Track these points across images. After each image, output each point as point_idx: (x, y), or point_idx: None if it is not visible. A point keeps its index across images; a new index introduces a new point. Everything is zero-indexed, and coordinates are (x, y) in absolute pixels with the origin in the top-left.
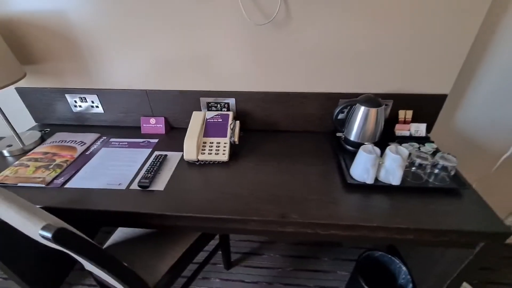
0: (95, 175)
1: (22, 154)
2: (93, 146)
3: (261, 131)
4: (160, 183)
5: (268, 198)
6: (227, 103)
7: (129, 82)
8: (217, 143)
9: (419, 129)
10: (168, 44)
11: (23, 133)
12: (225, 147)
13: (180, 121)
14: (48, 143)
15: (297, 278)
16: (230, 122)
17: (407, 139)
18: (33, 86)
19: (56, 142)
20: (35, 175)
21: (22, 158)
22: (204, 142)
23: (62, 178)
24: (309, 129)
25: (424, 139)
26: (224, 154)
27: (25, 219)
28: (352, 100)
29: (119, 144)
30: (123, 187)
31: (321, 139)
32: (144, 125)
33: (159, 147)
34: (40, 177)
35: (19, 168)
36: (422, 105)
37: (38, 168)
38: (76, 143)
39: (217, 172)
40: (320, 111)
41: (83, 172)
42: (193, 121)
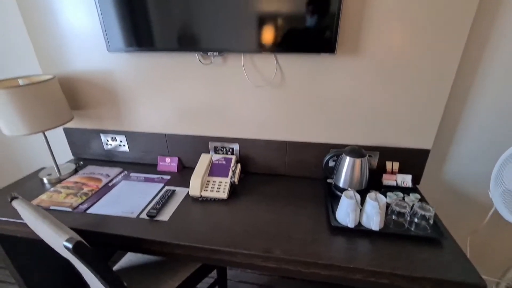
0: (113, 204)
1: (58, 182)
2: (116, 179)
3: (261, 174)
4: (166, 214)
5: (257, 234)
6: (232, 148)
7: (152, 126)
8: (219, 182)
9: (405, 180)
10: (187, 96)
11: (62, 165)
12: (226, 186)
13: (191, 161)
14: (80, 174)
15: None
16: (232, 165)
17: (394, 189)
18: (77, 127)
19: (86, 174)
20: (65, 200)
21: (57, 185)
22: (208, 181)
23: (86, 204)
24: (305, 175)
25: (410, 190)
26: (224, 192)
27: (54, 232)
28: (339, 151)
29: (137, 178)
30: (134, 216)
31: (315, 184)
32: (161, 163)
33: (170, 183)
34: (69, 202)
35: (53, 194)
36: (408, 158)
37: (68, 195)
38: (102, 175)
39: (216, 208)
40: (315, 159)
41: (104, 201)
42: (201, 162)
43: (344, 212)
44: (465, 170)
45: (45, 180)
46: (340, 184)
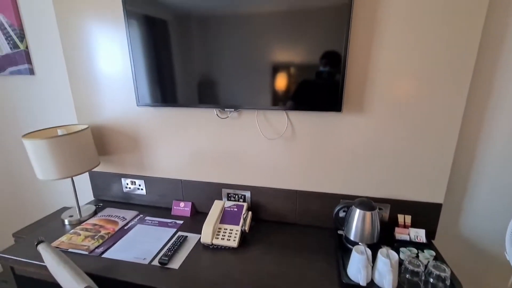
0: (127, 248)
1: (78, 224)
2: (131, 222)
3: (271, 222)
4: (177, 262)
5: None
6: (244, 195)
7: (169, 172)
8: (230, 230)
9: (419, 235)
10: (203, 146)
11: (83, 206)
12: (236, 234)
13: (204, 206)
14: (98, 216)
15: None
16: (243, 213)
17: (407, 244)
18: (101, 171)
19: (104, 216)
20: (83, 243)
21: (77, 227)
22: (220, 228)
23: (102, 248)
24: (315, 224)
25: (425, 245)
26: (235, 241)
27: (72, 278)
28: (349, 202)
29: (151, 223)
30: (147, 262)
31: (325, 235)
32: (175, 208)
33: (183, 228)
34: (86, 245)
35: (73, 236)
36: (420, 212)
37: (86, 237)
38: (119, 218)
39: (226, 257)
40: (324, 209)
41: (119, 245)
42: (214, 209)
43: (355, 268)
44: (482, 226)
45: (67, 222)
46: (351, 237)
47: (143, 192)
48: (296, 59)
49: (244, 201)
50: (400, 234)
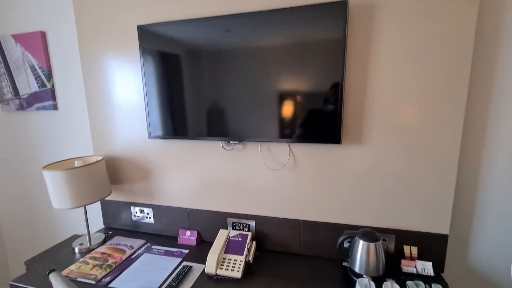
0: (133, 278)
1: (87, 252)
2: (139, 251)
3: (276, 252)
4: None
5: None
6: (248, 224)
7: (177, 201)
8: (235, 260)
9: (426, 267)
10: (209, 176)
11: (93, 234)
12: (240, 265)
13: (210, 236)
14: (107, 245)
15: None
16: (248, 242)
17: (414, 277)
18: (112, 199)
19: (113, 245)
20: (91, 272)
21: (86, 256)
22: (224, 258)
23: (109, 277)
24: (319, 255)
25: (433, 279)
26: (239, 271)
27: None
28: (353, 233)
29: (158, 251)
30: None
31: (330, 266)
32: (181, 236)
33: (188, 258)
34: (94, 275)
35: (82, 265)
36: (426, 243)
37: (95, 266)
38: (127, 247)
39: None
40: (329, 239)
41: (125, 274)
42: (219, 238)
43: None
44: (492, 256)
45: (77, 250)
46: (356, 269)
47: (151, 221)
48: (297, 94)
49: (249, 231)
50: (407, 267)
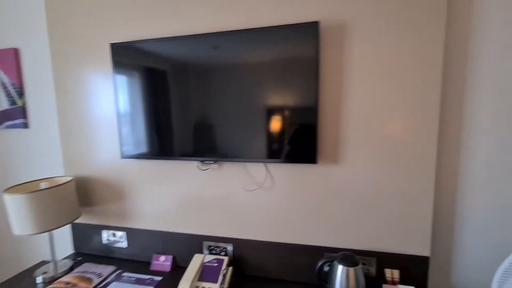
0: None
1: (52, 281)
2: (107, 279)
3: (255, 277)
4: None
5: None
6: (225, 248)
7: (151, 224)
8: None
9: None
10: (184, 197)
11: (60, 261)
12: None
13: (185, 260)
14: (74, 273)
15: None
16: (223, 268)
17: None
18: (83, 222)
19: (80, 273)
20: None
21: (48, 287)
22: (197, 287)
23: None
24: (300, 280)
25: None
26: None
27: None
28: (332, 257)
29: (128, 279)
30: None
31: None
32: (154, 262)
33: (160, 286)
34: None
35: None
36: (407, 266)
37: None
38: (95, 275)
39: None
40: (309, 263)
41: None
42: (193, 264)
43: None
44: (476, 277)
45: (40, 279)
46: None
47: (124, 245)
48: (274, 113)
49: (226, 255)
50: None
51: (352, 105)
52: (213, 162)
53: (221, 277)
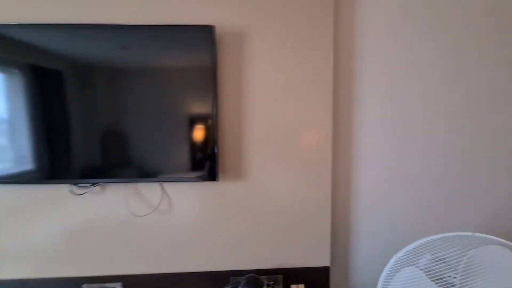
0: None
1: None
2: None
3: None
4: None
5: None
6: None
7: (11, 271)
8: None
9: None
10: (55, 230)
11: None
12: None
13: None
14: None
15: None
16: None
17: None
18: None
19: None
20: None
21: None
22: None
23: None
24: None
25: None
26: None
27: None
28: (236, 282)
29: None
30: None
31: None
32: None
33: None
34: None
35: None
36: (311, 279)
37: None
38: None
39: None
40: None
41: None
42: None
43: None
44: (371, 284)
45: None
46: None
47: None
48: (169, 126)
49: None
50: None
51: (254, 118)
52: (91, 185)
53: None
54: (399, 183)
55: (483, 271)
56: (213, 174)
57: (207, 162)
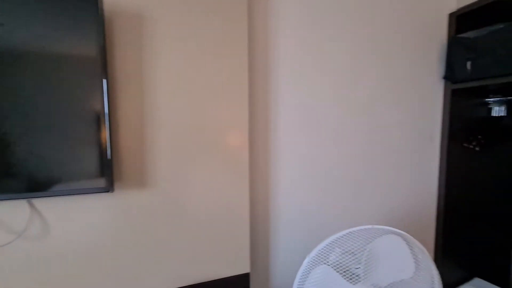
0: None
1: None
2: None
3: None
4: None
5: None
6: None
7: None
8: None
9: None
10: None
11: None
12: None
13: None
14: None
15: None
16: None
17: None
18: None
19: None
20: None
21: None
22: None
23: None
24: None
25: None
26: None
27: None
28: None
29: None
30: None
31: None
32: None
33: None
34: None
35: None
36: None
37: None
38: None
39: None
40: None
41: None
42: None
43: None
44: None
45: None
46: None
47: None
48: (45, 128)
49: None
50: None
51: (161, 116)
52: None
53: None
54: (315, 180)
55: (380, 259)
56: (108, 184)
57: (99, 170)
